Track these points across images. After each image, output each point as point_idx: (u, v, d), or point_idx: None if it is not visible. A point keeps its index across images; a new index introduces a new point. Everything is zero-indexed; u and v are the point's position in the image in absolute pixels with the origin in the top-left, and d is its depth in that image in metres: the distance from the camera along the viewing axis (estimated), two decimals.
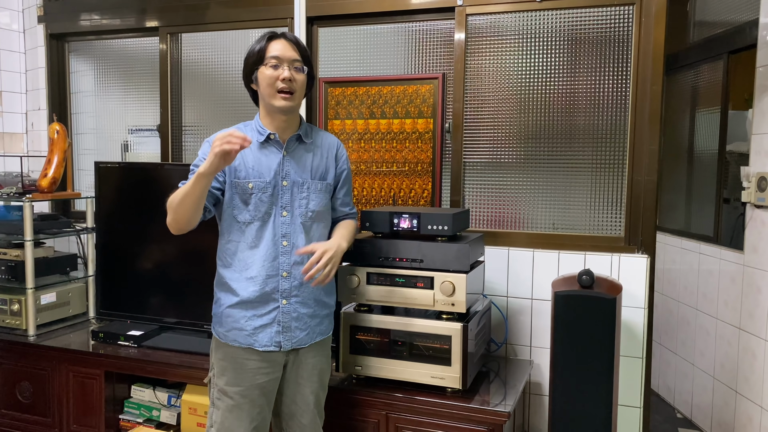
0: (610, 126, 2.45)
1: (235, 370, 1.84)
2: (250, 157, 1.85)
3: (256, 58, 1.83)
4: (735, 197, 3.08)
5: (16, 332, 2.76)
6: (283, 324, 1.85)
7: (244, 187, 1.83)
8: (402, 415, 2.09)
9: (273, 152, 1.87)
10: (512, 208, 2.61)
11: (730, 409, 2.95)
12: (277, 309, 1.85)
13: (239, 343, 1.84)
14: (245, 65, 1.88)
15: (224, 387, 1.84)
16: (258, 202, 1.83)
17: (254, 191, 1.83)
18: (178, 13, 3.08)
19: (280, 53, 1.82)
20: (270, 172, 1.85)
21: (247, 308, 1.84)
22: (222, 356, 1.87)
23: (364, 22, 2.78)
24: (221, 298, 1.89)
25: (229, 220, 1.86)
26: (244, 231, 1.84)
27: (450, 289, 2.04)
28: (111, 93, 3.40)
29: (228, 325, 1.86)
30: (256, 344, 1.84)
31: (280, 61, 1.82)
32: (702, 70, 3.58)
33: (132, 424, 2.58)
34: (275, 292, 1.85)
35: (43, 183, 2.87)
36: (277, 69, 1.81)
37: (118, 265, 2.81)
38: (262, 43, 1.84)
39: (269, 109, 1.86)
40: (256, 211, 1.83)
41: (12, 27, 3.51)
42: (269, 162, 1.86)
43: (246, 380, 1.83)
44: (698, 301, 3.34)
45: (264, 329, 1.84)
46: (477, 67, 2.60)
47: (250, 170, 1.84)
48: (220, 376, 1.86)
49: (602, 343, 2.01)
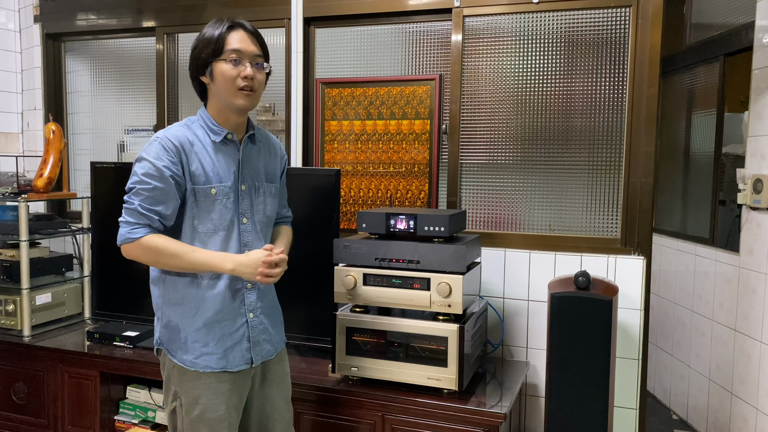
0: (606, 128, 2.46)
1: (210, 397, 1.69)
2: (206, 159, 1.68)
3: (213, 49, 1.64)
4: (731, 199, 3.09)
5: (10, 333, 2.75)
6: (252, 339, 1.75)
7: (206, 193, 1.67)
8: (398, 416, 2.09)
9: (230, 154, 1.72)
10: (509, 210, 2.61)
11: (725, 410, 2.95)
12: (245, 324, 1.74)
13: (211, 368, 1.69)
14: (196, 55, 1.67)
15: (200, 416, 1.68)
16: (223, 210, 1.69)
17: (218, 197, 1.68)
18: (174, 13, 3.07)
19: (241, 47, 1.65)
20: (230, 176, 1.70)
21: (215, 328, 1.69)
22: (192, 386, 1.69)
23: (361, 23, 2.78)
24: (179, 322, 1.69)
25: (189, 231, 1.69)
26: (207, 242, 1.68)
27: (446, 291, 2.04)
28: (107, 93, 3.40)
29: (196, 351, 1.68)
30: (228, 366, 1.70)
31: (241, 55, 1.65)
32: (698, 72, 3.59)
33: (127, 425, 2.57)
34: (242, 306, 1.74)
35: (39, 183, 2.86)
36: (237, 65, 1.64)
37: (114, 266, 2.80)
38: (220, 30, 1.64)
39: (226, 106, 1.68)
40: (221, 219, 1.69)
41: (8, 26, 3.50)
42: (228, 164, 1.70)
43: (222, 404, 1.70)
44: (694, 303, 3.35)
45: (234, 348, 1.72)
46: (474, 69, 2.60)
47: (210, 174, 1.67)
48: (193, 407, 1.69)
49: (598, 344, 2.01)
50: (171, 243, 1.64)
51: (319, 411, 2.17)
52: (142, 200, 1.63)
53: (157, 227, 1.65)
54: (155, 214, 1.64)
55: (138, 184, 1.64)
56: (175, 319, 1.71)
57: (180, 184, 1.65)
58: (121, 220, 1.66)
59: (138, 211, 1.63)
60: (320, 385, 2.16)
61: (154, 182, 1.62)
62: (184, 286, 1.70)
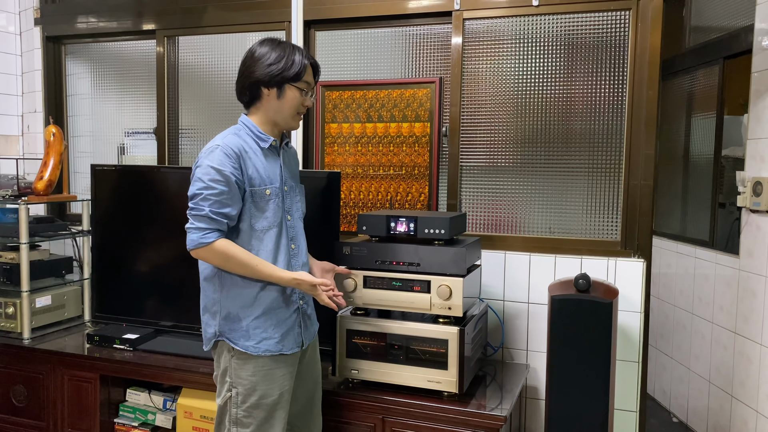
0: (606, 130, 2.46)
1: (267, 382, 1.84)
2: (259, 164, 1.85)
3: (296, 73, 1.82)
4: (730, 202, 3.09)
5: (10, 335, 2.75)
6: (303, 324, 1.93)
7: (261, 194, 1.83)
8: (398, 419, 2.09)
9: (274, 159, 1.91)
10: (509, 212, 2.62)
11: (725, 413, 2.95)
12: (298, 310, 1.91)
13: (270, 352, 1.84)
14: (269, 69, 1.81)
15: (257, 402, 1.83)
16: (275, 208, 1.86)
17: (271, 197, 1.85)
18: (175, 16, 3.08)
19: (311, 81, 1.89)
20: (277, 179, 1.89)
21: (272, 316, 1.85)
22: (252, 372, 1.84)
23: (361, 26, 2.78)
24: (239, 312, 1.84)
25: (248, 230, 1.83)
26: (263, 239, 1.84)
27: (447, 293, 2.04)
28: (107, 96, 3.40)
29: (257, 337, 1.83)
30: (284, 349, 1.87)
31: (310, 89, 1.89)
32: (698, 75, 3.59)
33: (127, 428, 2.57)
34: (293, 294, 1.90)
35: (39, 186, 2.86)
36: (304, 95, 1.87)
37: (114, 269, 2.80)
38: (303, 64, 1.83)
39: (277, 121, 1.88)
40: (275, 217, 1.85)
41: (8, 29, 3.50)
42: (274, 168, 1.89)
43: (277, 388, 1.86)
44: (694, 306, 3.35)
45: (289, 333, 1.88)
46: (474, 71, 2.61)
47: (263, 177, 1.84)
48: (251, 393, 1.83)
49: (598, 347, 2.01)
50: (240, 252, 1.78)
51: None
52: (210, 205, 1.75)
53: (224, 230, 1.79)
54: (224, 218, 1.77)
55: (205, 189, 1.76)
56: (235, 310, 1.84)
57: (241, 188, 1.80)
58: (190, 226, 1.78)
59: (209, 217, 1.75)
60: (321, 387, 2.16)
61: (221, 187, 1.75)
62: (243, 279, 1.83)
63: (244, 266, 1.78)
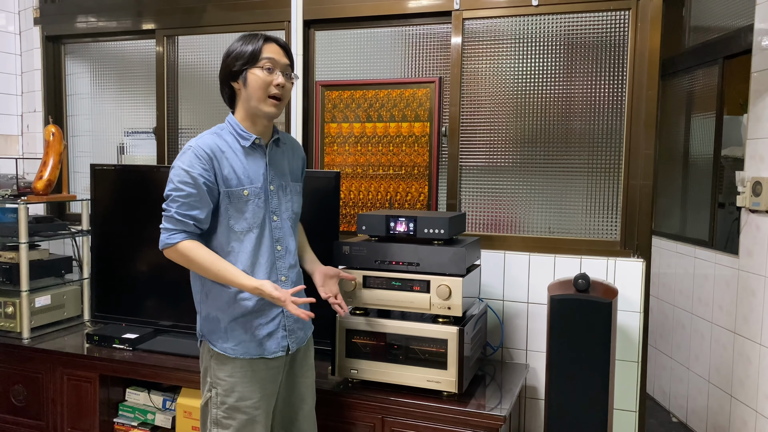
0: (605, 130, 2.46)
1: (246, 384, 1.81)
2: (237, 164, 1.80)
3: (249, 58, 1.76)
4: (730, 202, 3.09)
5: (10, 335, 2.75)
6: (288, 328, 1.87)
7: (239, 195, 1.78)
8: (397, 418, 2.09)
9: (258, 157, 1.84)
10: (508, 212, 2.62)
11: (725, 413, 2.95)
12: (281, 314, 1.85)
13: (250, 354, 1.81)
14: (230, 63, 1.79)
15: (236, 404, 1.80)
16: (255, 209, 1.80)
17: (250, 197, 1.79)
18: (174, 15, 3.08)
19: (275, 57, 1.78)
20: (259, 178, 1.82)
21: (253, 318, 1.81)
22: (229, 373, 1.81)
23: (361, 26, 2.78)
24: (218, 314, 1.82)
25: (225, 231, 1.80)
26: (242, 240, 1.80)
27: (446, 293, 2.04)
28: (107, 95, 3.40)
29: (235, 339, 1.81)
30: (265, 352, 1.82)
31: (275, 64, 1.77)
32: (697, 75, 3.59)
33: (127, 428, 2.57)
34: None
35: (39, 185, 2.86)
36: (271, 73, 1.77)
37: (113, 268, 2.80)
38: (257, 44, 1.77)
39: (253, 112, 1.80)
40: (254, 218, 1.80)
41: (8, 29, 3.50)
42: (257, 167, 1.83)
43: (257, 391, 1.82)
44: (693, 305, 3.35)
45: (271, 337, 1.83)
46: (473, 71, 2.61)
47: (241, 177, 1.79)
48: (229, 394, 1.80)
49: (598, 347, 2.01)
50: (202, 254, 1.74)
51: (319, 413, 2.16)
52: (178, 207, 1.74)
53: (192, 231, 1.76)
54: (190, 219, 1.74)
55: (174, 191, 1.75)
56: (214, 311, 1.82)
57: (212, 190, 1.76)
58: (161, 226, 1.77)
59: (174, 218, 1.74)
60: (320, 388, 2.15)
61: (189, 189, 1.73)
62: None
63: (206, 270, 1.74)
